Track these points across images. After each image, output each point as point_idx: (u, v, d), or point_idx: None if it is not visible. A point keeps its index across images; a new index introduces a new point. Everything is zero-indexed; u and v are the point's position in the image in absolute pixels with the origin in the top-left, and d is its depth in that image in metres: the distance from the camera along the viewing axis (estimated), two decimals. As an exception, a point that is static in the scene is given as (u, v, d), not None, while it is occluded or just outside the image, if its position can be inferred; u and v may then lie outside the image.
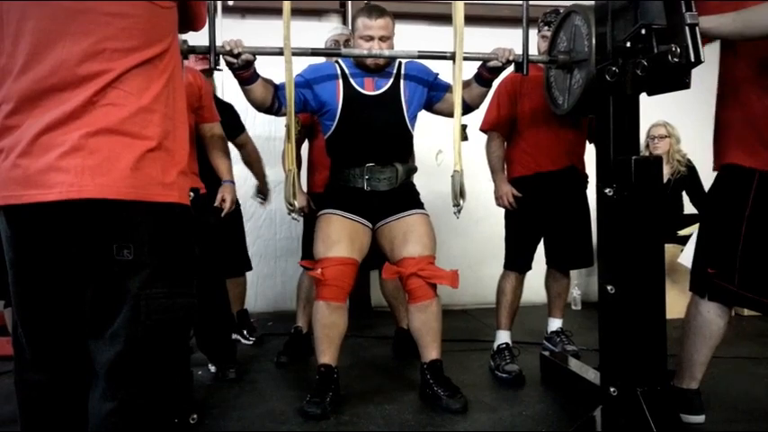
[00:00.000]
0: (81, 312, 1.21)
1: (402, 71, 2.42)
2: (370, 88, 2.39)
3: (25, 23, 1.14)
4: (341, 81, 2.38)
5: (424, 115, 2.54)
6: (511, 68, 2.33)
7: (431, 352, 2.39)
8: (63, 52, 1.13)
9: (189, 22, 1.39)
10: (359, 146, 2.40)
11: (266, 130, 3.71)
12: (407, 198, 2.48)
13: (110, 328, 1.18)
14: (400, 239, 2.39)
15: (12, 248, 1.20)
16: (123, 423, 1.19)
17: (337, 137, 2.42)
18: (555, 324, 3.02)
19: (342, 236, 2.34)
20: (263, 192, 3.30)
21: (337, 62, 2.42)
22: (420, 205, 2.50)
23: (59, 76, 1.13)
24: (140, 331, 1.18)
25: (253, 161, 3.26)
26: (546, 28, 2.72)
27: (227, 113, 3.16)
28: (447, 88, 2.42)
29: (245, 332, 3.31)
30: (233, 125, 3.20)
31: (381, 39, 2.30)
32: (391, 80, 2.40)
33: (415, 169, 2.61)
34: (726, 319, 2.00)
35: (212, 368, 2.74)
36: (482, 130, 2.89)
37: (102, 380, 1.19)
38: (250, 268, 3.36)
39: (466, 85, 2.35)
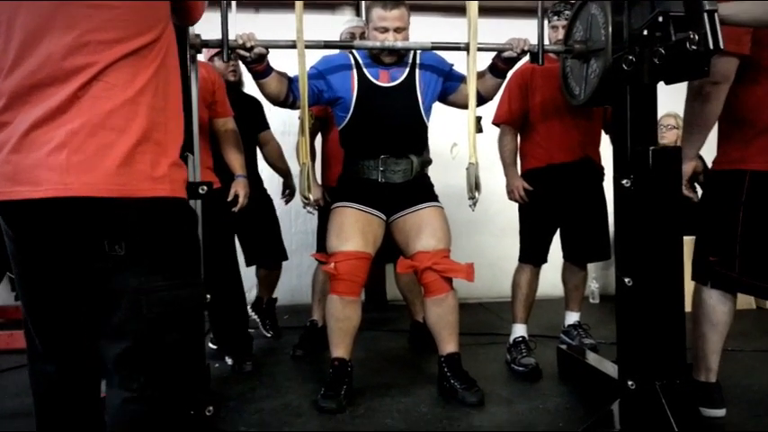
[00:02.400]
0: (83, 306, 1.22)
1: (417, 61, 2.40)
2: (385, 79, 2.37)
3: (15, 20, 1.14)
4: (355, 72, 2.36)
5: (438, 108, 2.52)
6: (525, 59, 2.31)
7: (448, 345, 2.38)
8: (49, 47, 1.13)
9: (183, 13, 1.37)
10: (374, 137, 2.39)
11: (280, 125, 3.71)
12: (422, 191, 2.47)
13: (112, 323, 1.19)
14: (414, 233, 2.37)
15: (11, 242, 1.21)
16: (140, 410, 1.20)
17: (351, 128, 2.41)
18: (572, 317, 3.00)
19: (355, 229, 2.34)
20: (289, 187, 3.30)
21: (351, 53, 2.41)
22: (434, 198, 2.49)
23: (46, 71, 1.13)
24: (143, 326, 1.18)
25: (274, 159, 3.26)
26: (555, 18, 2.69)
27: (254, 109, 3.15)
28: (461, 79, 2.40)
29: (267, 323, 3.32)
30: (258, 121, 3.20)
31: (396, 30, 2.28)
32: (407, 71, 2.38)
33: (429, 161, 2.59)
34: (729, 305, 2.00)
35: (229, 361, 2.76)
36: (494, 123, 2.88)
37: (114, 373, 1.21)
38: (286, 258, 3.31)
39: (480, 76, 2.32)
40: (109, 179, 1.13)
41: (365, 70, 2.37)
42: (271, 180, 3.37)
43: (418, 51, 2.40)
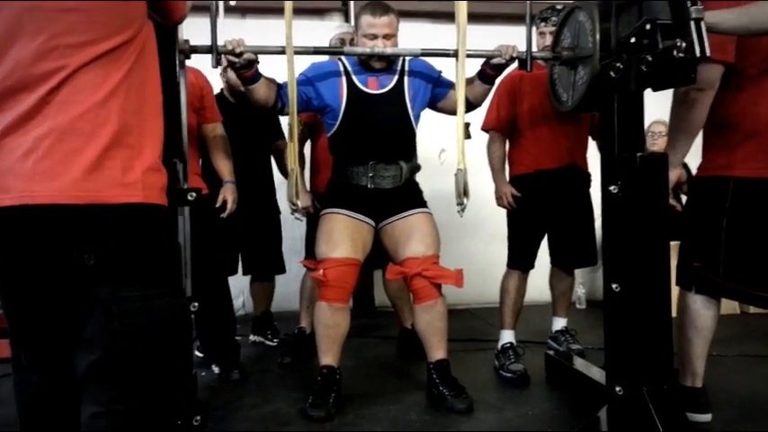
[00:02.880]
0: (62, 316, 1.19)
1: (406, 68, 2.40)
2: (374, 87, 2.37)
3: None
4: (344, 79, 2.36)
5: (426, 114, 2.52)
6: (513, 66, 2.32)
7: (437, 352, 2.38)
8: (18, 53, 1.10)
9: (163, 12, 1.34)
10: (363, 144, 2.38)
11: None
12: (411, 197, 2.47)
13: (84, 335, 1.16)
14: (404, 239, 2.37)
15: None
16: (109, 425, 1.17)
17: (340, 135, 2.40)
18: (559, 323, 3.01)
19: (344, 236, 2.33)
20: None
21: (340, 60, 2.41)
22: (423, 204, 2.49)
23: (16, 78, 1.11)
24: (116, 337, 1.15)
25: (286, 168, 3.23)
26: (543, 24, 2.71)
27: (269, 117, 3.10)
28: (450, 86, 2.40)
29: (268, 334, 3.30)
30: (274, 129, 3.18)
31: (386, 37, 2.29)
32: (395, 78, 2.39)
33: (418, 168, 2.59)
34: (713, 310, 2.02)
35: (216, 369, 2.74)
36: (483, 129, 2.89)
37: (84, 385, 1.18)
38: (283, 271, 3.30)
39: (469, 82, 2.33)
40: (76, 185, 1.10)
41: (354, 77, 2.37)
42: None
43: (407, 59, 2.41)
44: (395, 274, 2.40)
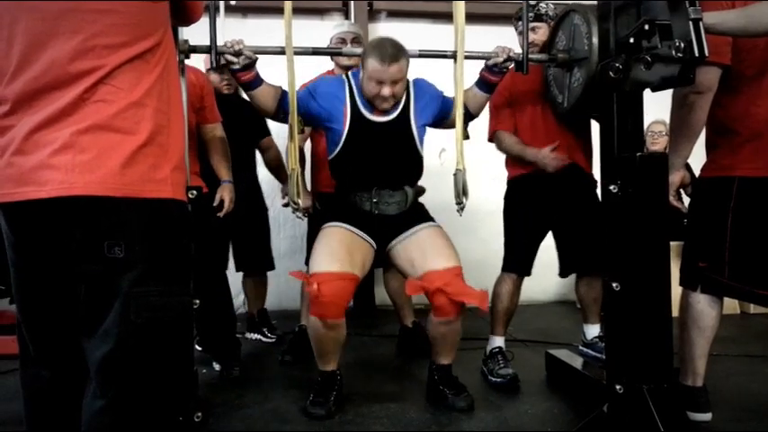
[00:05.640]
0: (79, 310, 1.20)
1: (411, 93, 2.32)
2: (379, 114, 2.28)
3: (17, 25, 1.14)
4: (348, 102, 2.28)
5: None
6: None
7: (444, 358, 2.34)
8: (54, 51, 1.14)
9: (183, 14, 1.38)
10: (367, 172, 2.31)
11: (273, 129, 3.70)
12: (415, 213, 2.38)
13: (101, 326, 1.18)
14: (419, 254, 2.25)
15: (11, 246, 1.21)
16: (112, 421, 1.19)
17: (342, 161, 2.33)
18: (595, 330, 2.84)
19: (342, 249, 2.22)
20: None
21: (347, 79, 2.34)
22: (430, 218, 2.40)
23: (52, 75, 1.14)
24: (130, 330, 1.17)
25: (276, 165, 3.27)
26: (520, 23, 2.50)
27: (255, 114, 3.11)
28: (452, 106, 2.34)
29: (265, 330, 3.33)
30: (260, 127, 3.22)
31: (393, 83, 2.17)
32: (401, 105, 2.30)
33: (423, 190, 2.55)
34: (717, 310, 2.02)
35: (216, 366, 2.74)
36: (490, 139, 2.78)
37: (94, 378, 1.19)
38: (272, 268, 3.34)
39: (467, 92, 2.32)
40: (112, 179, 1.14)
41: (359, 102, 2.28)
42: (269, 183, 3.38)
43: (410, 83, 2.33)
44: (415, 291, 2.21)
